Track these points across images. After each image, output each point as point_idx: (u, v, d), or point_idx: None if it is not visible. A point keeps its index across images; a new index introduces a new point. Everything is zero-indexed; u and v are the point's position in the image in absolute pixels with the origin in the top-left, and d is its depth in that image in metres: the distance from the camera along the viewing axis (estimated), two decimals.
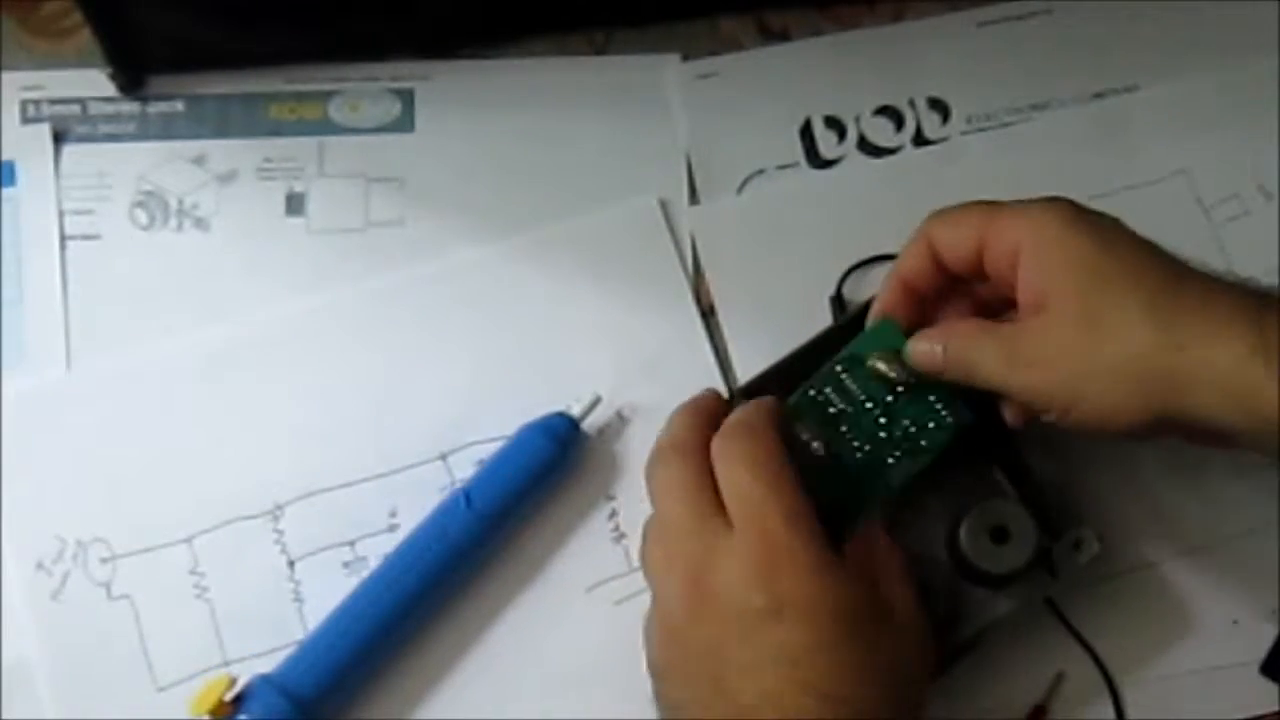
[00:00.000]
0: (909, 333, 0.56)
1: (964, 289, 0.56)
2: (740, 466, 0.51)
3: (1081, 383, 0.50)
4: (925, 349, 0.54)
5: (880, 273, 0.63)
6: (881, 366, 0.56)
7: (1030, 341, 0.51)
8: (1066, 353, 0.50)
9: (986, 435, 0.57)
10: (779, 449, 0.52)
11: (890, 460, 0.55)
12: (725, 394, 0.60)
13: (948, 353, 0.53)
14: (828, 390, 0.56)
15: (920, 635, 0.52)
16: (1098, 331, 0.50)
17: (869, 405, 0.56)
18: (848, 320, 0.60)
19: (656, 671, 0.52)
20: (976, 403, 0.56)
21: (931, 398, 0.56)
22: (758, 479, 0.50)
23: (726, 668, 0.49)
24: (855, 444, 0.56)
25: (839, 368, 0.56)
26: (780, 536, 0.49)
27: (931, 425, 0.56)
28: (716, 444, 0.52)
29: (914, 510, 0.58)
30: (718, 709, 0.49)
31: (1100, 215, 0.53)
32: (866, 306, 0.60)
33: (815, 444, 0.55)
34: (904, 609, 0.52)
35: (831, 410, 0.56)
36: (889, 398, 0.56)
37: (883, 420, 0.56)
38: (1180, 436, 0.52)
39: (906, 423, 0.56)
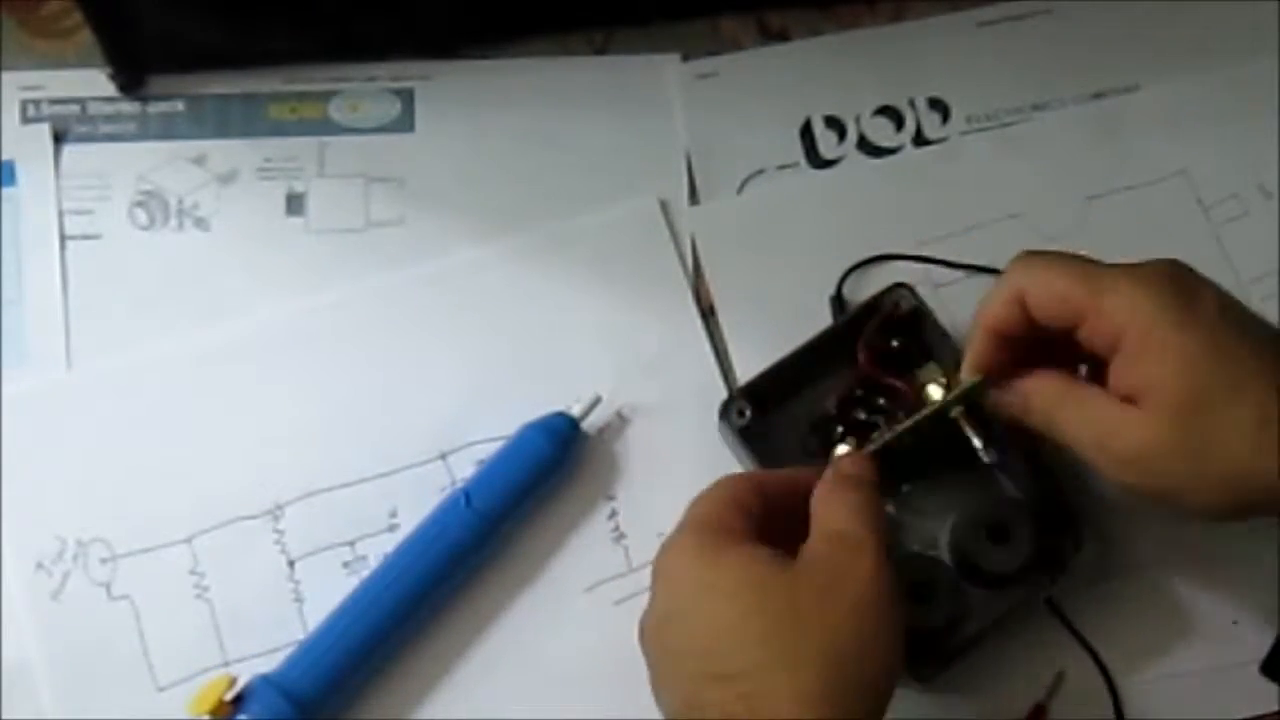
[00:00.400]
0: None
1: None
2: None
3: (1180, 494, 0.50)
4: (1009, 400, 0.54)
5: (881, 272, 0.63)
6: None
7: (1127, 437, 0.50)
8: (1167, 463, 0.50)
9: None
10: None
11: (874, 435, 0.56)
12: (725, 394, 0.60)
13: (1030, 410, 0.53)
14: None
15: (846, 583, 0.48)
16: (1203, 450, 0.49)
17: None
18: (847, 321, 0.61)
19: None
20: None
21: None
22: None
23: (662, 681, 0.50)
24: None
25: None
26: (685, 539, 0.51)
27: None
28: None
29: (914, 510, 0.58)
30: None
31: (1211, 296, 0.50)
32: (866, 306, 0.60)
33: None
34: (827, 557, 0.49)
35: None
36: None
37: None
38: None
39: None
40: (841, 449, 0.57)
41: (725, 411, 0.59)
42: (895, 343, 0.60)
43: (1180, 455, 0.49)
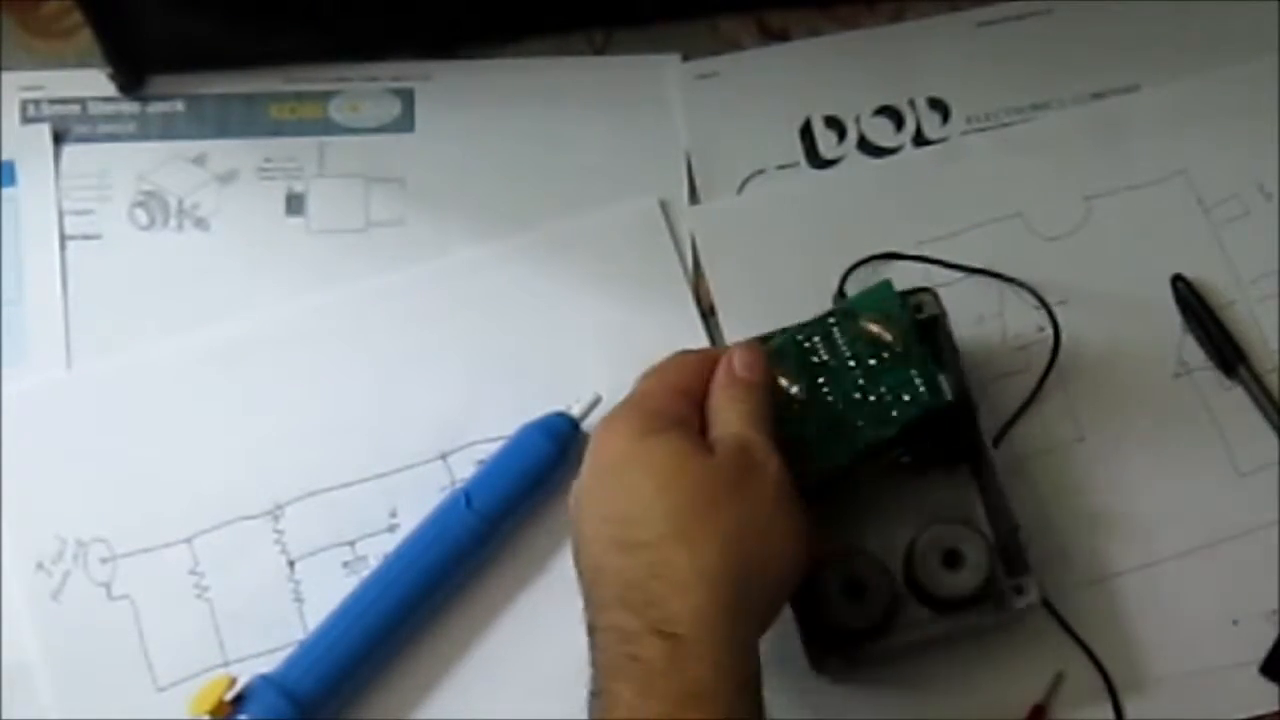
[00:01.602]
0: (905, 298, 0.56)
1: None
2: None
3: None
4: None
5: (881, 271, 0.63)
6: (874, 328, 0.56)
7: None
8: None
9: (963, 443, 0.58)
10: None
11: (860, 423, 0.56)
12: None
13: None
14: (815, 339, 0.56)
15: (745, 476, 0.51)
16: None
17: (852, 363, 0.56)
18: None
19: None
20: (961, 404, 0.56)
21: (913, 371, 0.56)
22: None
23: (579, 552, 0.51)
24: (830, 398, 0.56)
25: (831, 319, 0.57)
26: (615, 414, 0.53)
27: (906, 397, 0.56)
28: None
29: (882, 512, 0.58)
30: (584, 604, 0.50)
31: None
32: (875, 285, 0.59)
33: (795, 389, 0.55)
34: (729, 449, 0.51)
35: (815, 360, 0.56)
36: (872, 360, 0.56)
37: (861, 381, 0.56)
38: None
39: (883, 389, 0.56)
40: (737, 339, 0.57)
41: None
42: None
43: None
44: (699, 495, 0.50)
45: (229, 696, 0.55)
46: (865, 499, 0.59)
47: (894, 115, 0.67)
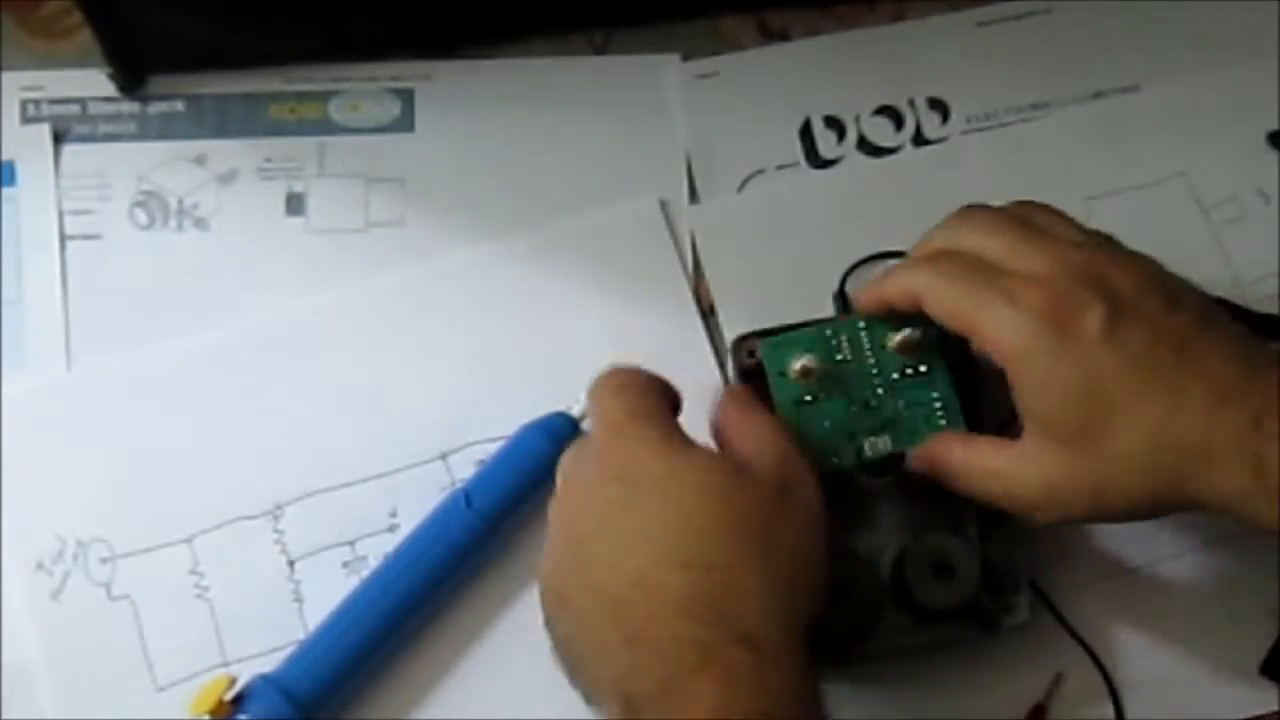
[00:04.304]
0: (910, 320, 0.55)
1: None
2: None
3: (1094, 520, 0.52)
4: (916, 465, 0.55)
5: (881, 270, 0.63)
6: (902, 342, 0.55)
7: (1027, 483, 0.51)
8: (1071, 498, 0.50)
9: None
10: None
11: (869, 430, 0.56)
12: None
13: (937, 473, 0.54)
14: (844, 338, 0.56)
15: (795, 489, 0.51)
16: (1099, 484, 0.50)
17: (875, 372, 0.56)
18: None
19: (547, 618, 0.51)
20: (975, 419, 0.56)
21: (934, 394, 0.56)
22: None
23: (595, 568, 0.49)
24: (846, 400, 0.56)
25: (862, 324, 0.56)
26: (627, 428, 0.51)
27: (922, 419, 0.56)
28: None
29: (879, 518, 0.57)
30: (597, 615, 0.48)
31: (1098, 317, 0.49)
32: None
33: (812, 381, 0.55)
34: (773, 469, 0.51)
35: (839, 357, 0.56)
36: (895, 375, 0.56)
37: (880, 391, 0.56)
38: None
39: (901, 404, 0.56)
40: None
41: (735, 350, 0.59)
42: None
43: (1079, 490, 0.50)
44: (752, 515, 0.49)
45: (229, 696, 0.55)
46: (857, 499, 0.58)
47: (894, 115, 0.68)
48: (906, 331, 0.55)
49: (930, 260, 0.54)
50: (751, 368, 0.58)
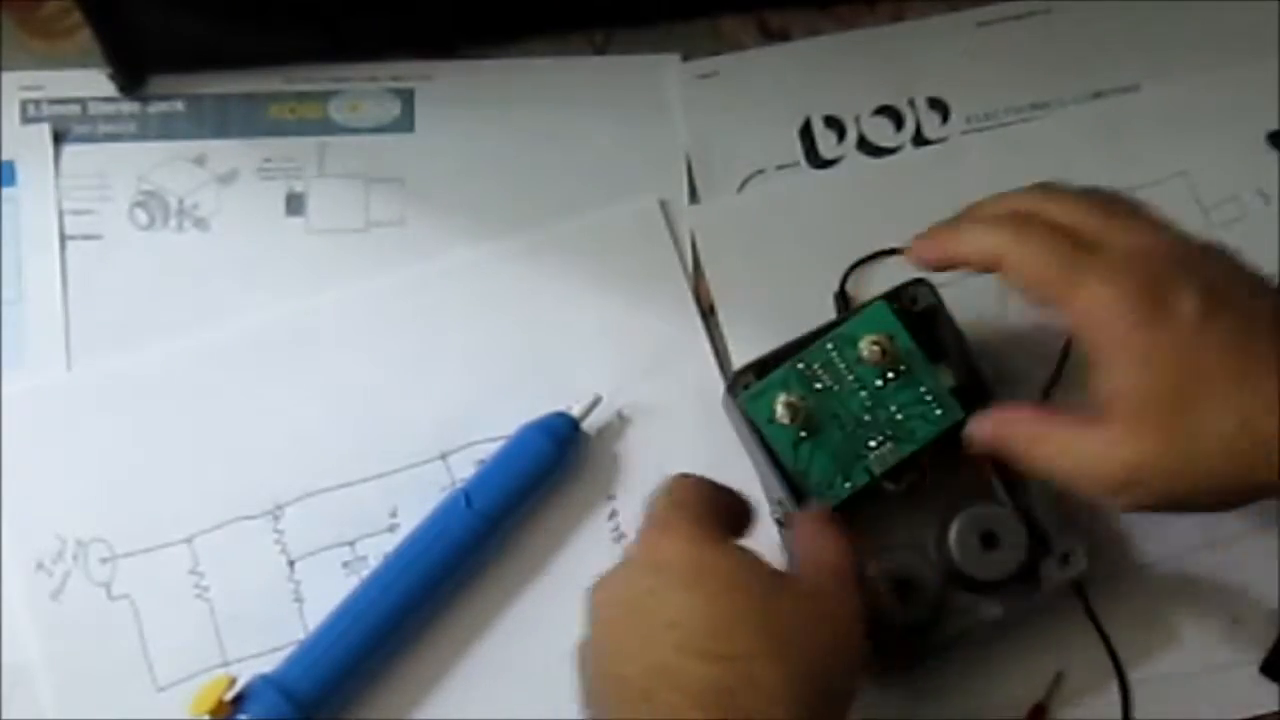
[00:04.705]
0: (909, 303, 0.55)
1: None
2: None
3: (1177, 505, 0.50)
4: (981, 439, 0.54)
5: (881, 271, 0.63)
6: (874, 349, 0.55)
7: (1110, 462, 0.49)
8: (1155, 479, 0.49)
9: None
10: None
11: (872, 444, 0.56)
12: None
13: (1005, 450, 0.53)
14: (816, 366, 0.56)
15: (832, 607, 0.50)
16: (1187, 465, 0.48)
17: (857, 387, 0.56)
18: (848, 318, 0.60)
19: (580, 695, 0.51)
20: (968, 400, 0.56)
21: (922, 389, 0.56)
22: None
23: (620, 656, 0.48)
24: (838, 424, 0.56)
25: (829, 345, 0.57)
26: (668, 520, 0.50)
27: (919, 416, 0.56)
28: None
29: (907, 507, 0.58)
30: (621, 703, 0.48)
31: (1193, 294, 0.48)
32: (884, 297, 0.59)
33: (801, 418, 0.55)
34: (816, 582, 0.51)
35: (818, 386, 0.56)
36: (878, 382, 0.56)
37: (869, 404, 0.56)
38: None
39: (894, 409, 0.56)
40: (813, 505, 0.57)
41: (732, 384, 0.59)
42: None
43: (1165, 472, 0.49)
44: (782, 614, 0.48)
45: (229, 696, 0.55)
46: (886, 504, 0.58)
47: (894, 115, 0.67)
48: (871, 339, 0.56)
49: (1014, 224, 0.52)
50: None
